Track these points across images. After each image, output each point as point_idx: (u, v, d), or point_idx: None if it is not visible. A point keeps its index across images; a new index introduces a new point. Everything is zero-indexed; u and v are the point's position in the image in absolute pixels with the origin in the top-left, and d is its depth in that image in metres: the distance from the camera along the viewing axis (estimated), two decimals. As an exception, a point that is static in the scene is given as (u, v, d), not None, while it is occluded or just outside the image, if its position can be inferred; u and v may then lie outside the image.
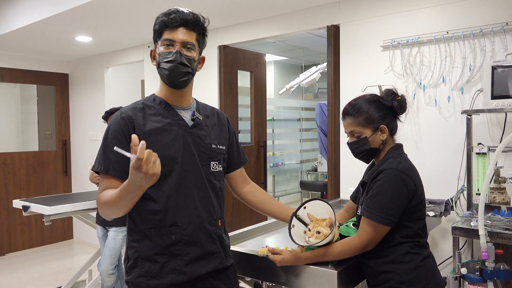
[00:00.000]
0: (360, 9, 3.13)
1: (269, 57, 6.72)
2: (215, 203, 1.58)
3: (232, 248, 1.79)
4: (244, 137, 4.77)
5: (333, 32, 3.26)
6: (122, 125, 1.47)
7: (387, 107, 1.68)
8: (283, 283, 1.67)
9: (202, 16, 1.54)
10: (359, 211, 1.66)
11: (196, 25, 1.51)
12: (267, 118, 5.88)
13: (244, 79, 4.77)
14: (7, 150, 5.49)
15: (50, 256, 5.12)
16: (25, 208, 3.23)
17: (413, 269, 1.57)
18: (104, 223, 3.22)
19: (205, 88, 4.17)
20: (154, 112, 1.52)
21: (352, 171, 3.18)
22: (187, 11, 1.50)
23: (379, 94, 1.73)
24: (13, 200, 3.50)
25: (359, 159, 1.76)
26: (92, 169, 1.49)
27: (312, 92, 7.42)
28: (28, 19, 3.76)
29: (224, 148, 1.65)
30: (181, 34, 1.48)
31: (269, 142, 6.15)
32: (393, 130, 1.71)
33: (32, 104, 6.24)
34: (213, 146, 1.60)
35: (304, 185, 6.01)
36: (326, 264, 1.58)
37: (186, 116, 1.57)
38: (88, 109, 5.53)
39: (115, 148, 1.21)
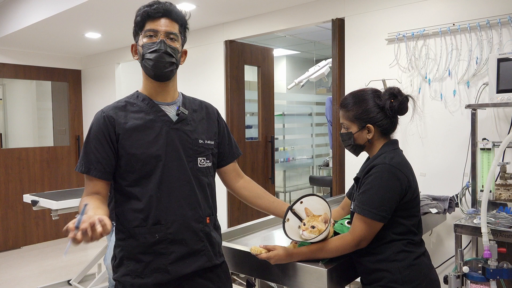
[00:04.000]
0: (365, 2, 3.07)
1: (280, 52, 6.66)
2: (201, 201, 1.55)
3: (225, 244, 1.78)
4: (253, 132, 4.75)
5: (338, 26, 3.21)
6: (102, 125, 1.47)
7: (380, 107, 1.63)
8: (275, 280, 1.66)
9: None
10: (352, 207, 1.63)
11: (178, 15, 1.51)
12: (278, 113, 5.86)
13: (254, 74, 4.74)
14: (25, 146, 5.59)
15: (64, 250, 5.21)
16: (34, 202, 3.30)
17: (407, 268, 1.54)
18: (109, 218, 3.24)
19: (212, 83, 4.17)
20: (136, 109, 1.50)
21: (358, 167, 3.12)
22: (169, 2, 1.50)
23: (383, 88, 1.69)
24: (24, 195, 3.58)
25: (348, 151, 1.75)
26: (75, 169, 1.49)
27: (325, 86, 7.34)
28: (37, 17, 3.82)
29: (212, 143, 1.62)
30: (164, 24, 1.47)
31: (280, 137, 6.11)
32: (386, 130, 1.65)
33: (47, 100, 6.35)
34: (200, 141, 1.57)
35: (313, 180, 5.96)
36: (318, 261, 1.56)
37: (171, 111, 1.54)
38: (100, 105, 5.51)
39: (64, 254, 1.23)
